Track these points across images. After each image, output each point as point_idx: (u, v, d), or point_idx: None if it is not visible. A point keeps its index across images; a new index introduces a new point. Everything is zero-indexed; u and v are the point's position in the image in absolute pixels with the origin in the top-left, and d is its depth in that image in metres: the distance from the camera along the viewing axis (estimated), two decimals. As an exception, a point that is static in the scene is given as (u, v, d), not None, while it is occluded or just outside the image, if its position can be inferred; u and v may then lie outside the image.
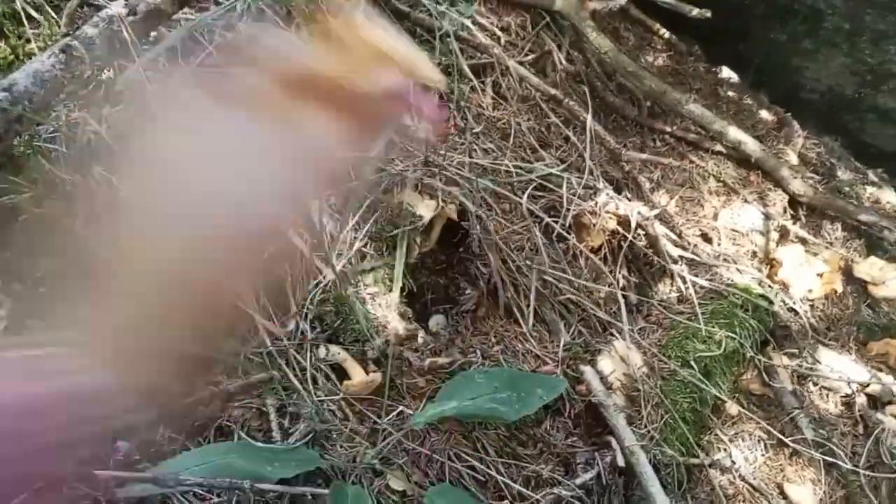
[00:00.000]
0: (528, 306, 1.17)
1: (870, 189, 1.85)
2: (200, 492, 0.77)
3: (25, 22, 1.00)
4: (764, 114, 1.86)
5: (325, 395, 0.91)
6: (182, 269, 0.39)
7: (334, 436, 0.88)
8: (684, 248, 1.35)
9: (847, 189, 1.77)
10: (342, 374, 0.95)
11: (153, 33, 0.99)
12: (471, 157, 1.25)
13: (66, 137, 0.91)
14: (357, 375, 0.94)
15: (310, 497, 0.78)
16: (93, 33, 0.84)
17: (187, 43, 1.11)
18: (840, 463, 1.25)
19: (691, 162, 1.53)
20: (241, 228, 0.39)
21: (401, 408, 0.93)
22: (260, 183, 0.39)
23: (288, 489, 0.78)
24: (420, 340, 1.05)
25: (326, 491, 0.79)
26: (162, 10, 0.95)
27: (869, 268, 1.51)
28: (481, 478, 0.95)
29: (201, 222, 0.39)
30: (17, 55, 0.98)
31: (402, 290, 1.09)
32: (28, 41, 1.00)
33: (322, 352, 0.96)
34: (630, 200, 1.37)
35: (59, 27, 0.99)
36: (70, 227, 0.88)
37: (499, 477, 0.95)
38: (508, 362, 1.09)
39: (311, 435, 0.85)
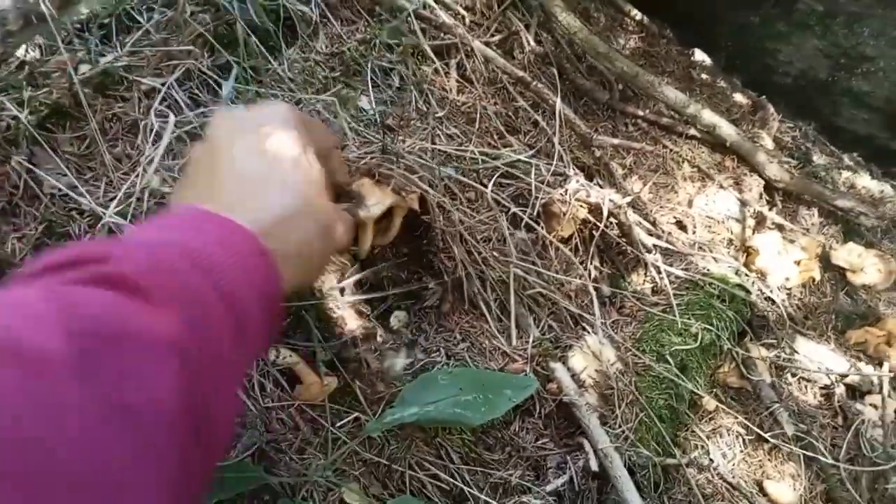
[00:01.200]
0: (494, 301, 1.11)
1: (845, 174, 1.82)
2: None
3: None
4: (738, 97, 1.82)
5: (274, 403, 0.84)
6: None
7: (283, 447, 0.81)
8: (658, 237, 1.29)
9: (823, 174, 1.73)
10: (292, 379, 0.88)
11: (76, 7, 0.90)
12: (433, 143, 1.18)
13: (-22, 123, 0.82)
14: (310, 381, 0.87)
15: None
16: (6, 6, 0.75)
17: (122, 20, 1.02)
18: (820, 457, 1.21)
19: (665, 147, 1.48)
20: None
21: (356, 414, 0.85)
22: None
23: None
24: (379, 339, 0.98)
25: None
26: (88, -17, 0.87)
27: (847, 254, 1.47)
28: (445, 487, 0.88)
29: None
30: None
31: (361, 285, 1.02)
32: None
33: (272, 355, 0.88)
34: (602, 188, 1.30)
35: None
36: (-15, 221, 0.80)
37: (464, 486, 0.88)
38: (474, 360, 1.03)
39: (255, 447, 0.78)
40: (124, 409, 0.32)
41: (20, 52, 0.85)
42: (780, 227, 1.43)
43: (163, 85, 0.96)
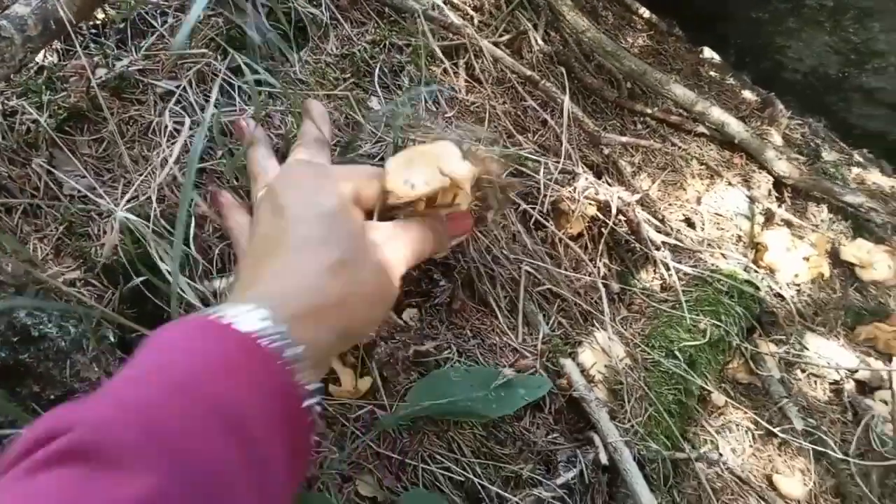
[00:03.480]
0: (504, 298, 1.12)
1: (855, 170, 1.82)
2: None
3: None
4: (747, 94, 1.82)
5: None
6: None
7: (299, 441, 0.82)
8: (667, 234, 1.30)
9: (832, 170, 1.73)
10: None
11: (95, 13, 0.92)
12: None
13: (1, 127, 0.84)
14: (347, 380, 0.88)
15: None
16: (24, 12, 0.77)
17: (137, 25, 1.04)
18: (830, 452, 1.22)
19: (673, 144, 1.48)
20: None
21: (370, 407, 0.87)
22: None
23: None
24: (396, 334, 1.00)
25: None
26: (105, -11, 0.89)
27: (856, 250, 1.47)
28: (458, 479, 0.90)
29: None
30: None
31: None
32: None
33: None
34: (610, 185, 1.31)
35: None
36: (8, 222, 0.82)
37: (475, 479, 0.90)
38: (485, 357, 1.04)
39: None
40: None
41: (39, 58, 0.87)
42: (788, 224, 1.43)
43: (177, 87, 0.98)
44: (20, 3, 0.78)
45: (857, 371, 1.36)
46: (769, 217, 1.43)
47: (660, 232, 1.30)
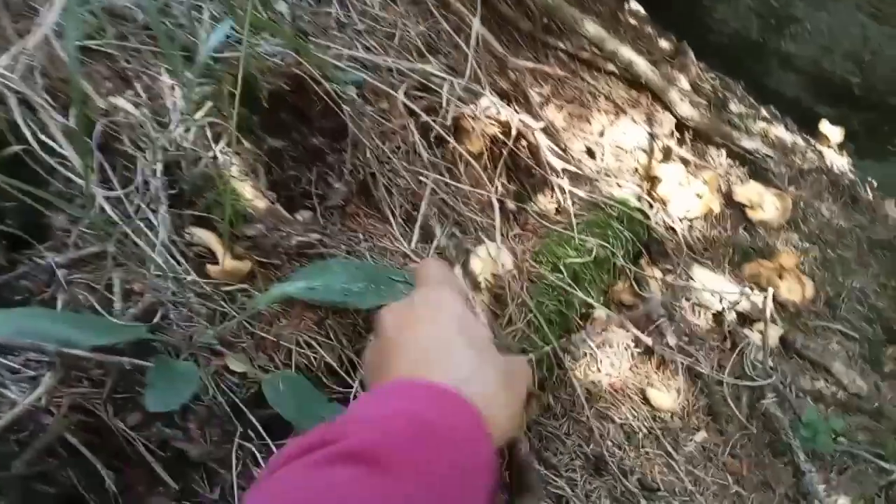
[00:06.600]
0: (400, 207, 1.15)
1: (761, 124, 1.90)
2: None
3: None
4: (663, 43, 1.87)
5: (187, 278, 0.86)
6: None
7: (171, 316, 0.84)
8: (567, 161, 1.34)
9: (737, 121, 1.81)
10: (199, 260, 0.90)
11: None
12: (350, 50, 1.20)
13: None
14: (224, 260, 0.89)
15: (128, 368, 0.74)
16: None
17: None
18: (702, 370, 1.30)
19: (583, 80, 1.52)
20: None
21: (245, 286, 0.89)
22: None
23: (105, 357, 0.73)
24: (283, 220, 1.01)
25: (150, 363, 0.74)
26: None
27: (748, 192, 1.55)
28: (334, 365, 0.93)
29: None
30: None
31: (268, 175, 1.05)
32: None
33: (186, 236, 0.91)
34: (518, 113, 1.35)
35: None
36: None
37: (350, 369, 0.93)
38: (374, 260, 1.06)
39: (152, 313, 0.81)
40: None
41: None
42: (685, 162, 1.50)
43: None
44: None
45: (738, 303, 1.44)
46: (667, 154, 1.49)
47: (560, 159, 1.34)
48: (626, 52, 1.51)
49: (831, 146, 1.94)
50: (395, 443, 0.43)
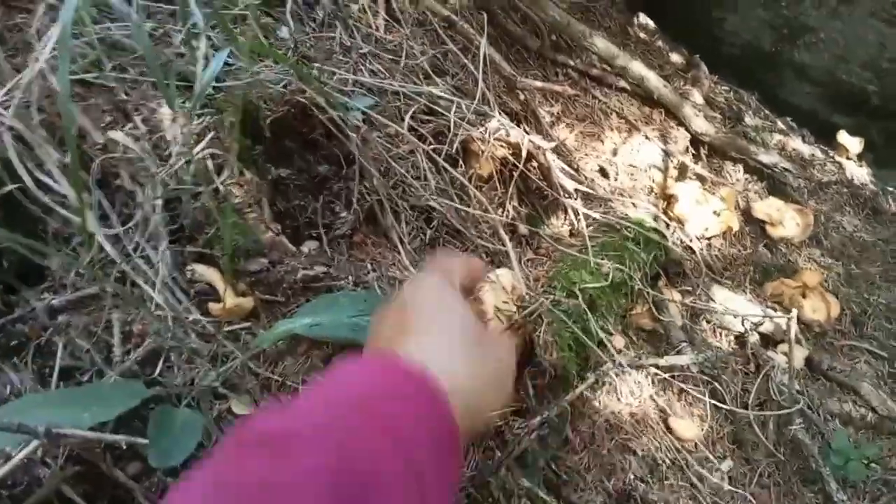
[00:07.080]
0: (409, 234, 1.11)
1: (777, 136, 1.85)
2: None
3: None
4: (675, 57, 1.84)
5: (189, 317, 0.83)
6: None
7: (172, 358, 0.81)
8: (580, 182, 1.31)
9: (753, 134, 1.76)
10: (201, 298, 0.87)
11: None
12: (355, 75, 1.17)
13: None
14: (227, 298, 0.86)
15: (125, 447, 0.71)
16: None
17: None
18: (726, 396, 1.25)
19: (594, 98, 1.49)
20: None
21: (248, 324, 0.85)
22: None
23: (101, 436, 0.69)
24: (289, 254, 0.98)
25: (145, 440, 0.70)
26: None
27: (767, 208, 1.50)
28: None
29: None
30: None
31: (272, 206, 1.02)
32: None
33: (188, 273, 0.88)
34: (528, 133, 1.31)
35: None
36: None
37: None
38: (383, 290, 1.03)
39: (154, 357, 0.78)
40: None
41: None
42: (702, 179, 1.45)
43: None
44: None
45: (761, 324, 1.39)
46: (682, 171, 1.45)
47: (573, 179, 1.30)
48: (638, 68, 1.47)
49: (850, 157, 1.89)
50: (315, 425, 0.46)
